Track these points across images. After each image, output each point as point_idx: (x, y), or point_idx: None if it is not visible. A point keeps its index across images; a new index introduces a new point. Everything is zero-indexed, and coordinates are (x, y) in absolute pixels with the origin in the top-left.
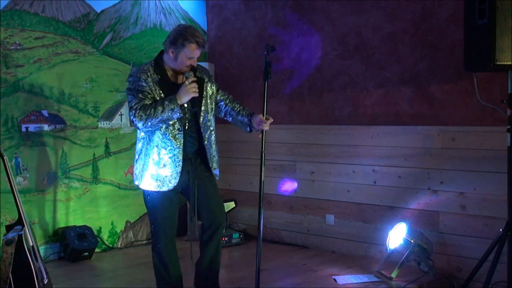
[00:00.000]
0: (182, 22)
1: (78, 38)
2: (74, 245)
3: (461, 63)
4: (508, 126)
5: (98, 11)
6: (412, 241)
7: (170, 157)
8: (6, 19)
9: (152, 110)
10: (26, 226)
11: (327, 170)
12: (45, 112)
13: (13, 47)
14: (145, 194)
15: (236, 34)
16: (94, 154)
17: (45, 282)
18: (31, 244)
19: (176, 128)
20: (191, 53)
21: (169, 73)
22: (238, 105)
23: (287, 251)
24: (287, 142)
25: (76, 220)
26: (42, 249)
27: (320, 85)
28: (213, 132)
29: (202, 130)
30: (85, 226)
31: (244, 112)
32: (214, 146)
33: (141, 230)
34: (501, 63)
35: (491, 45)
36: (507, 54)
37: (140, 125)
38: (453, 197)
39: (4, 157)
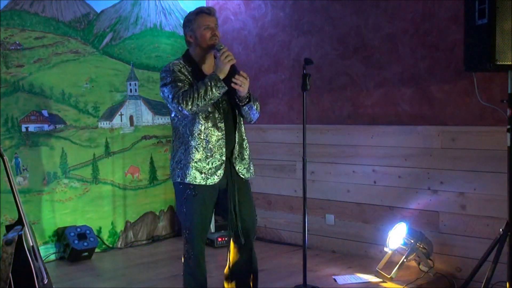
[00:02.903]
0: (182, 22)
1: (78, 38)
2: (74, 245)
3: (461, 63)
4: (508, 126)
5: (98, 11)
6: (412, 241)
7: (214, 146)
8: (6, 19)
9: (195, 92)
10: (26, 226)
11: (327, 170)
12: (45, 112)
13: (13, 47)
14: (184, 191)
15: (236, 34)
16: (94, 154)
17: (45, 282)
18: (31, 244)
19: (217, 116)
20: (204, 22)
21: (201, 66)
22: None
23: (287, 251)
24: (287, 142)
25: (76, 220)
26: (42, 249)
27: (320, 85)
28: (244, 127)
29: (237, 120)
30: (85, 226)
31: None
32: (246, 141)
33: (141, 230)
34: (501, 63)
35: (491, 45)
36: (507, 54)
37: (187, 110)
38: (453, 197)
39: (4, 157)
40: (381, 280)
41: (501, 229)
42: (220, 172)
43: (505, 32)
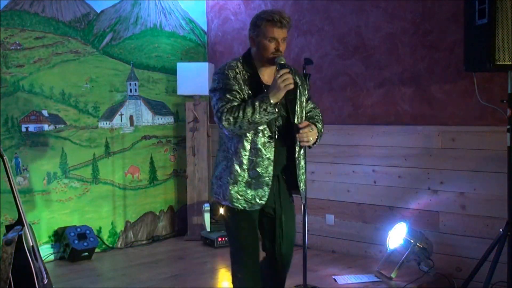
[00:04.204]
0: (182, 22)
1: (78, 38)
2: (74, 245)
3: (461, 63)
4: (508, 126)
5: (98, 11)
6: (412, 241)
7: (259, 170)
8: (6, 19)
9: (241, 112)
10: (26, 226)
11: (327, 170)
12: (45, 112)
13: (13, 47)
14: (228, 212)
15: (236, 34)
16: (94, 154)
17: (45, 282)
18: (31, 244)
19: (266, 135)
20: (269, 33)
21: (260, 72)
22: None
23: None
24: None
25: (76, 220)
26: (42, 249)
27: (320, 85)
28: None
29: (294, 140)
30: (85, 226)
31: None
32: (303, 162)
33: (141, 230)
34: (501, 63)
35: (491, 45)
36: (507, 54)
37: (227, 129)
38: (453, 197)
39: (4, 157)
40: (381, 280)
41: (501, 229)
42: (265, 198)
43: (505, 32)
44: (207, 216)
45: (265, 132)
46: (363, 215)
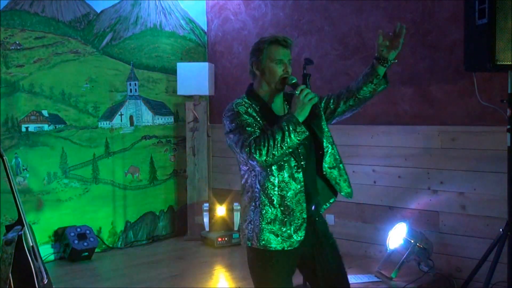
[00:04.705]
0: (182, 22)
1: (78, 38)
2: (74, 245)
3: (461, 63)
4: (508, 126)
5: (98, 11)
6: (412, 241)
7: (291, 203)
8: (6, 19)
9: (271, 139)
10: (26, 226)
11: None
12: (45, 112)
13: (13, 47)
14: (258, 258)
15: (236, 34)
16: (94, 154)
17: (45, 282)
18: (31, 244)
19: (292, 165)
20: (275, 55)
21: (269, 104)
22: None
23: None
24: None
25: (76, 220)
26: (42, 249)
27: (320, 85)
28: (339, 166)
29: (323, 165)
30: (85, 226)
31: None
32: (345, 174)
33: (141, 230)
34: (501, 63)
35: (491, 45)
36: (507, 54)
37: (261, 162)
38: (453, 197)
39: (4, 157)
40: (381, 280)
41: (501, 229)
42: (301, 232)
43: (505, 32)
44: (206, 216)
45: (291, 162)
46: (363, 215)
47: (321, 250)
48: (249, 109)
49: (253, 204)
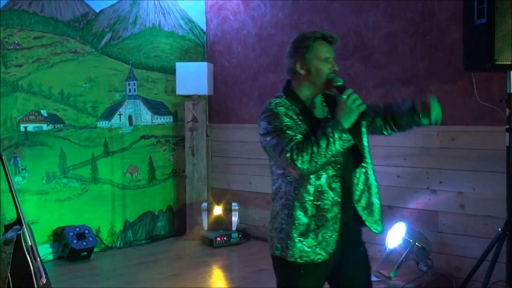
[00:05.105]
0: (181, 22)
1: (77, 37)
2: (73, 244)
3: (460, 63)
4: (507, 126)
5: (97, 11)
6: (411, 240)
7: (327, 213)
8: (5, 19)
9: (314, 146)
10: (24, 226)
11: None
12: (44, 112)
13: (12, 47)
14: (286, 268)
15: (235, 34)
16: (93, 153)
17: (44, 282)
18: (30, 244)
19: (331, 174)
20: (322, 53)
21: (310, 106)
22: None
23: None
24: None
25: (75, 220)
26: (41, 249)
27: None
28: (373, 181)
29: (361, 176)
30: (84, 225)
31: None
32: (377, 199)
33: (140, 229)
34: (500, 62)
35: (490, 45)
36: (506, 53)
37: (302, 170)
38: (452, 197)
39: (3, 157)
40: (380, 279)
41: (499, 229)
42: (333, 245)
43: (504, 32)
44: (205, 216)
45: (329, 171)
46: None
47: (348, 259)
48: (289, 111)
49: (286, 212)
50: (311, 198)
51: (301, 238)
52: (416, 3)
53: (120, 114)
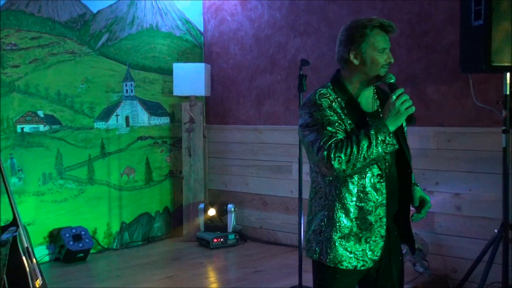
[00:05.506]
0: (179, 22)
1: (74, 38)
2: (69, 246)
3: (457, 64)
4: (503, 127)
5: (95, 11)
6: None
7: (371, 216)
8: (2, 19)
9: (354, 146)
10: (20, 227)
11: None
12: (40, 113)
13: (9, 47)
14: (322, 272)
15: (232, 35)
16: (89, 155)
17: (40, 283)
18: (26, 245)
19: (376, 174)
20: (380, 43)
21: (356, 98)
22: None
23: (283, 252)
24: (283, 143)
25: (71, 221)
26: (37, 250)
27: (316, 86)
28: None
29: (406, 174)
30: (80, 227)
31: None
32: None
33: (137, 231)
34: (496, 64)
35: (486, 47)
36: (503, 55)
37: (338, 171)
38: (448, 198)
39: None
40: None
41: (496, 230)
42: (378, 251)
43: (501, 34)
44: (202, 217)
45: (374, 170)
46: None
47: (388, 267)
48: (333, 103)
49: (325, 213)
50: (354, 200)
51: (342, 242)
52: (413, 5)
53: (117, 115)
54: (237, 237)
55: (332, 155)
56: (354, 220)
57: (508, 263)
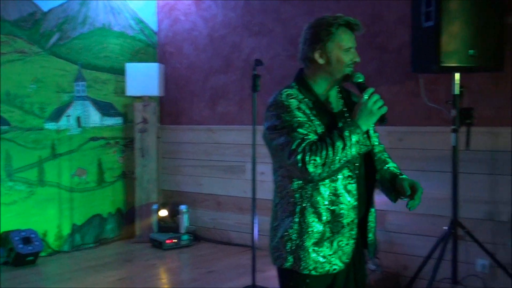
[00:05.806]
0: (132, 22)
1: (24, 37)
2: (19, 249)
3: (408, 65)
4: (453, 126)
5: (45, 10)
6: None
7: (343, 219)
8: None
9: (330, 149)
10: None
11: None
12: None
13: None
14: (292, 280)
15: (186, 35)
16: (40, 156)
17: None
18: None
19: (346, 175)
20: (346, 42)
21: (324, 98)
22: (390, 159)
23: (236, 252)
24: (237, 143)
25: (20, 224)
26: None
27: (270, 86)
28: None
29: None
30: (30, 229)
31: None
32: (373, 218)
33: (88, 233)
34: (446, 64)
35: (436, 47)
36: (452, 56)
37: (314, 174)
38: None
39: None
40: None
41: (445, 227)
42: (349, 253)
43: (451, 35)
44: (155, 218)
45: (344, 172)
46: None
47: (358, 268)
48: (301, 104)
49: (294, 219)
50: (326, 203)
51: (315, 248)
52: (365, 5)
53: (68, 116)
54: (190, 237)
55: (307, 158)
56: (326, 224)
57: (457, 259)
